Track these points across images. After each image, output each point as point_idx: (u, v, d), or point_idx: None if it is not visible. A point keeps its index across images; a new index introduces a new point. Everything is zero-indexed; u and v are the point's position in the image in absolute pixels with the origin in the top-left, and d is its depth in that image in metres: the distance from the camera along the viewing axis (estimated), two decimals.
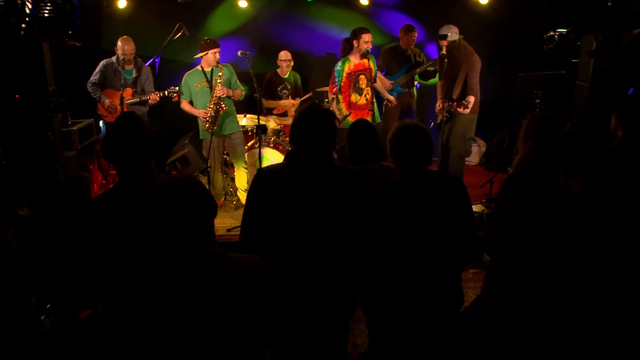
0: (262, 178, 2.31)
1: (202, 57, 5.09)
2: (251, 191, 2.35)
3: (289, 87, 6.13)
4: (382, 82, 5.59)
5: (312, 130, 2.23)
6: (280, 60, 6.02)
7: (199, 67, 5.11)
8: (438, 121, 5.32)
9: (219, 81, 4.95)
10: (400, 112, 5.98)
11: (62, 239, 2.98)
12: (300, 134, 2.27)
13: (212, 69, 5.04)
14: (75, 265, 2.91)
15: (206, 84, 5.04)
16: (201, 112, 5.04)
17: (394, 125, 2.42)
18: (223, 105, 5.00)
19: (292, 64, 6.11)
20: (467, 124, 5.21)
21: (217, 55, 4.99)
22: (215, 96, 4.95)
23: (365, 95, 5.02)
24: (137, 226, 2.09)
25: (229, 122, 5.19)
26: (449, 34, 4.94)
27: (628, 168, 2.53)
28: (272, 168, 2.42)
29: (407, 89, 5.96)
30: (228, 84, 5.10)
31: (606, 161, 1.95)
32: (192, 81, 5.10)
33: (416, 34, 5.86)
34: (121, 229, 2.08)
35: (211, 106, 4.96)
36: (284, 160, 2.37)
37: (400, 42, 5.92)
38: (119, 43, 5.37)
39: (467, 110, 5.00)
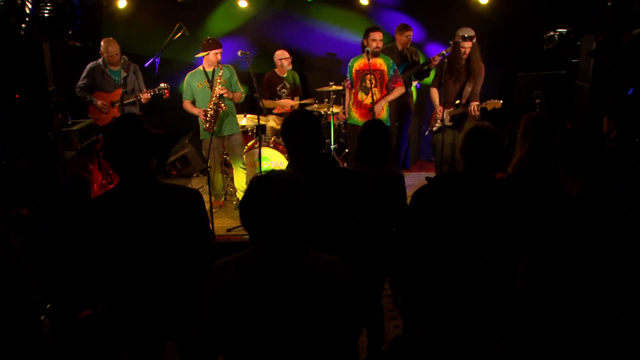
0: None
1: (203, 57, 5.09)
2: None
3: (288, 86, 6.14)
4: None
5: (297, 136, 2.27)
6: (279, 59, 5.99)
7: (200, 67, 5.12)
8: (435, 128, 5.32)
9: (219, 81, 4.95)
10: (399, 112, 5.98)
11: (62, 239, 2.98)
12: (288, 143, 2.32)
13: (213, 70, 5.04)
14: (75, 265, 2.92)
15: (207, 84, 5.05)
16: (201, 111, 5.05)
17: (470, 126, 2.43)
18: (222, 105, 5.00)
19: (291, 60, 6.09)
20: None
21: (219, 56, 4.99)
22: (215, 96, 4.95)
23: (371, 96, 5.02)
24: (137, 226, 2.11)
25: (229, 123, 5.19)
26: (474, 36, 4.93)
27: (626, 170, 2.52)
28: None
29: (407, 89, 5.96)
30: (228, 85, 5.10)
31: (606, 162, 1.92)
32: (193, 81, 5.10)
33: (411, 33, 5.86)
34: (120, 229, 2.09)
35: (211, 106, 4.97)
36: (287, 167, 2.38)
37: (396, 42, 5.92)
38: (103, 44, 5.35)
39: (478, 114, 5.02)
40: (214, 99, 4.96)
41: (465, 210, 2.23)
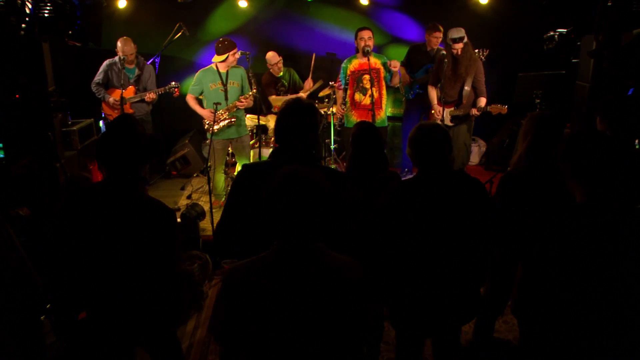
0: (247, 174, 2.30)
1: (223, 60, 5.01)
2: (234, 187, 2.33)
3: (285, 84, 6.14)
4: (402, 77, 5.48)
5: (292, 128, 2.21)
6: (270, 64, 5.96)
7: (213, 66, 5.03)
8: None
9: (243, 100, 4.97)
10: (420, 111, 5.99)
11: (58, 236, 2.98)
12: (281, 132, 2.24)
13: (227, 71, 5.00)
14: (74, 266, 2.91)
15: (221, 86, 5.00)
16: (206, 114, 5.00)
17: (414, 127, 2.42)
18: (233, 120, 4.99)
19: (282, 61, 6.06)
20: (468, 131, 5.23)
21: (237, 55, 4.96)
22: (233, 107, 4.94)
23: (369, 96, 5.01)
24: (107, 230, 2.08)
25: (239, 125, 5.15)
26: (465, 37, 4.93)
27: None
28: (257, 165, 2.40)
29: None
30: (241, 88, 5.08)
31: (613, 168, 1.80)
32: (206, 80, 5.03)
33: (439, 34, 5.80)
34: (90, 229, 2.08)
35: (226, 116, 4.94)
36: (269, 158, 2.34)
37: (426, 41, 5.93)
38: (119, 44, 5.41)
39: (478, 112, 5.04)
40: (231, 108, 4.94)
41: (428, 211, 2.23)
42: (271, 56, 5.98)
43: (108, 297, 2.18)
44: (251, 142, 5.71)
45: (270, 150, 5.49)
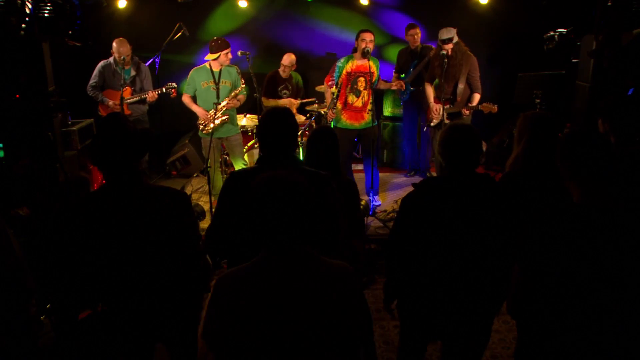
0: (234, 182, 2.32)
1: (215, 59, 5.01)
2: (223, 194, 2.35)
3: (290, 87, 6.13)
4: (396, 84, 5.47)
5: (275, 134, 2.27)
6: (285, 65, 5.96)
7: (207, 65, 5.03)
8: (433, 124, 5.32)
9: (234, 95, 4.97)
10: (418, 109, 5.99)
11: (61, 239, 2.98)
12: (265, 139, 2.30)
13: (220, 70, 5.00)
14: (74, 265, 2.92)
15: (213, 84, 5.00)
16: (201, 113, 5.00)
17: (445, 126, 2.39)
18: (225, 118, 4.99)
19: (293, 69, 6.08)
20: None
21: (229, 55, 4.96)
22: (225, 107, 4.95)
23: (361, 98, 5.00)
24: (122, 227, 2.08)
25: (229, 124, 5.16)
26: (454, 37, 4.94)
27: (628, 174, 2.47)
28: (245, 172, 2.44)
29: (420, 87, 5.93)
30: (234, 87, 5.09)
31: (610, 168, 1.78)
32: (198, 78, 5.03)
33: (416, 31, 5.83)
34: (103, 231, 2.08)
35: (219, 114, 4.94)
36: (256, 164, 2.37)
37: (408, 42, 5.95)
38: (114, 45, 5.40)
39: (468, 111, 5.04)
40: (222, 107, 4.94)
41: (455, 213, 2.22)
42: (288, 59, 5.96)
43: (136, 292, 2.16)
44: (251, 143, 5.71)
45: None
